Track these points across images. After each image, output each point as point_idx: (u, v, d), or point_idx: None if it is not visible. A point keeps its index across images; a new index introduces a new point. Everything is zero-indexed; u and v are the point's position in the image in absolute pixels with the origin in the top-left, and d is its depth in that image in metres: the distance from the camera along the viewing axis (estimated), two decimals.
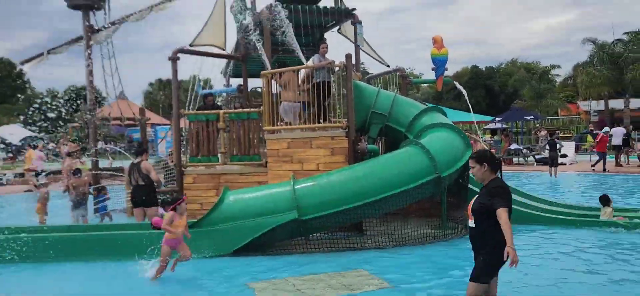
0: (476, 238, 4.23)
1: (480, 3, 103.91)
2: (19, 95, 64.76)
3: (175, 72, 10.36)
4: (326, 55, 9.43)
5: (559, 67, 35.81)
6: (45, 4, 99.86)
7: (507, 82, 49.65)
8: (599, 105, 36.50)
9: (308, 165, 9.08)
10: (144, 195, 8.79)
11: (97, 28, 12.30)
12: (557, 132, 26.22)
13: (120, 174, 11.81)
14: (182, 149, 10.56)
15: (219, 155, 10.31)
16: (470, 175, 9.04)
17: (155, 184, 8.89)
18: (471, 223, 4.25)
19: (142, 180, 8.75)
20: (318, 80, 9.12)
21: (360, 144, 9.21)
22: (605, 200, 9.05)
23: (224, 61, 13.02)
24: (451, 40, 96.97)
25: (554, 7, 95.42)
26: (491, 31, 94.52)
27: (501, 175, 4.35)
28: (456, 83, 13.14)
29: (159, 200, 8.23)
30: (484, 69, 54.06)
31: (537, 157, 23.12)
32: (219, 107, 10.91)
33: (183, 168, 10.38)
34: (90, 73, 12.36)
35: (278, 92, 9.61)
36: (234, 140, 10.22)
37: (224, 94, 13.38)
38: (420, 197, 8.16)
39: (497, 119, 29.16)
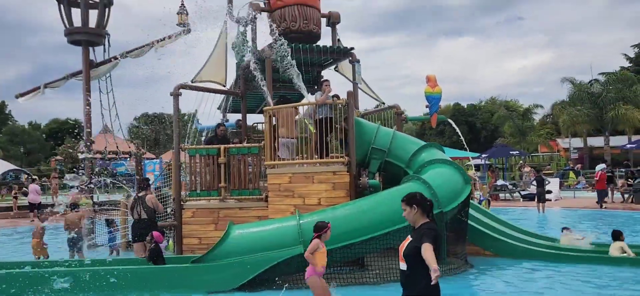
0: (408, 281, 4.12)
1: (459, 43, 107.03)
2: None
3: (176, 107, 10.47)
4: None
5: (541, 106, 36.87)
6: (30, 38, 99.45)
7: (488, 119, 50.83)
8: (578, 142, 37.59)
9: (309, 200, 9.18)
10: (146, 228, 8.76)
11: (96, 63, 12.38)
12: (544, 168, 26.83)
13: (117, 208, 11.73)
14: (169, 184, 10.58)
15: (219, 189, 10.34)
16: (470, 210, 9.32)
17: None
18: (403, 266, 4.15)
19: (146, 214, 8.74)
20: (321, 117, 9.33)
21: (362, 179, 9.39)
22: (616, 235, 9.21)
23: (221, 97, 13.18)
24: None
25: (529, 49, 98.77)
26: (470, 70, 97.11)
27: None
28: (450, 121, 13.52)
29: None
30: (465, 106, 55.35)
31: (522, 192, 23.56)
32: (227, 139, 10.99)
33: (182, 202, 10.37)
34: (89, 107, 12.38)
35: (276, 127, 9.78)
36: (234, 175, 10.29)
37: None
38: None
39: (483, 156, 29.82)
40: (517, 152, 29.23)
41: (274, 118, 9.80)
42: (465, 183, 8.82)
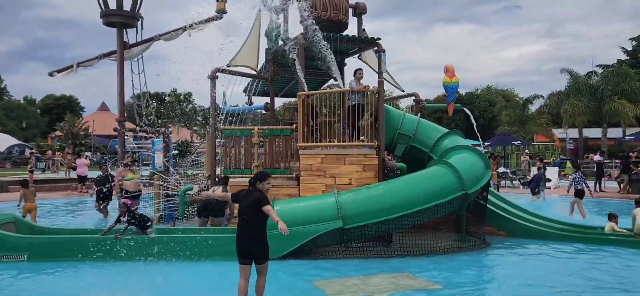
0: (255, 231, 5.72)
1: (456, 30, 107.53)
2: None
3: (213, 89, 11.11)
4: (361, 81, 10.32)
5: (542, 96, 37.68)
6: (25, 11, 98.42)
7: (486, 107, 51.71)
8: (573, 133, 38.57)
9: (341, 180, 9.92)
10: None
11: (130, 44, 12.92)
12: (543, 158, 27.72)
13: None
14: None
15: (252, 167, 11.03)
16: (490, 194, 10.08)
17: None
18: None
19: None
20: (354, 103, 10.02)
21: (390, 162, 10.15)
22: (610, 217, 10.11)
23: (247, 81, 13.80)
24: (429, 65, 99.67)
25: (526, 38, 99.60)
26: (466, 58, 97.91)
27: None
28: (466, 110, 14.26)
29: None
30: (464, 94, 56.13)
31: (522, 180, 24.46)
32: (277, 118, 11.73)
33: (217, 180, 11.06)
34: (122, 86, 12.94)
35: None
36: (267, 155, 10.99)
37: (252, 111, 14.15)
38: (447, 211, 9.06)
39: (486, 144, 30.71)
40: (519, 141, 30.14)
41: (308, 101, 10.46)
42: (486, 168, 9.59)
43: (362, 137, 10.26)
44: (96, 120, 54.83)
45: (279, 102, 15.42)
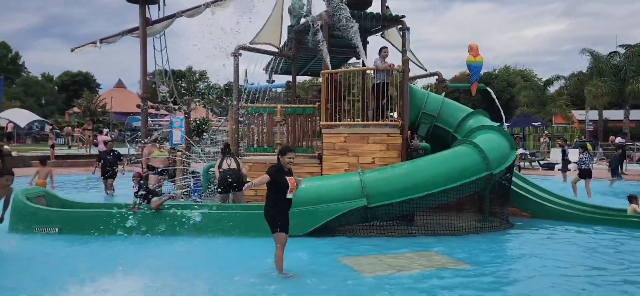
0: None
1: (473, 9, 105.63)
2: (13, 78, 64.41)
3: (236, 67, 11.11)
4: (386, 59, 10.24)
5: (564, 77, 36.90)
6: None
7: (504, 88, 51.05)
8: (593, 115, 37.93)
9: (364, 159, 9.92)
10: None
11: (152, 21, 12.94)
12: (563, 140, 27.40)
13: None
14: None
15: (274, 145, 11.08)
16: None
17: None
18: (291, 196, 6.11)
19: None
20: (378, 82, 9.96)
21: (413, 141, 10.12)
22: (632, 198, 10.01)
23: (268, 58, 13.78)
24: (445, 44, 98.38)
25: (545, 17, 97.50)
26: (483, 37, 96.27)
27: None
28: (489, 89, 14.08)
29: None
30: (481, 75, 55.51)
31: (542, 162, 24.22)
32: (299, 96, 11.75)
33: (239, 157, 11.14)
34: (145, 63, 13.02)
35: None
36: (290, 133, 11.02)
37: (272, 90, 14.16)
38: (471, 191, 9.03)
39: (506, 125, 30.34)
40: (539, 123, 29.76)
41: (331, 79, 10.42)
42: (511, 148, 9.51)
43: (391, 114, 10.17)
44: (113, 97, 55.34)
45: (301, 80, 15.32)
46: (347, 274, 6.30)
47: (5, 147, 22.69)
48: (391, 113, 9.87)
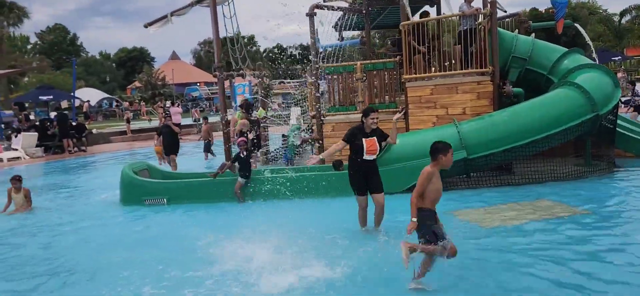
0: (373, 167, 6.06)
1: None
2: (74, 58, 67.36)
3: (312, 26, 10.97)
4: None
5: (635, 9, 34.23)
6: None
7: (568, 24, 48.11)
8: None
9: (453, 110, 9.64)
10: None
11: None
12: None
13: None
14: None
15: (356, 104, 10.99)
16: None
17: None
18: (371, 157, 5.95)
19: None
20: (465, 28, 9.55)
21: (506, 87, 9.69)
22: None
23: (336, 16, 13.52)
24: None
25: None
26: None
27: None
28: (577, 25, 13.23)
29: None
30: (543, 11, 52.31)
31: (623, 99, 22.73)
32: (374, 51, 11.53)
33: (322, 118, 11.15)
34: (217, 32, 13.09)
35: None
36: (371, 89, 10.86)
37: (347, 46, 13.98)
38: (576, 134, 8.60)
39: None
40: (619, 57, 27.83)
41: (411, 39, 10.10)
42: (615, 86, 8.92)
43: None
44: (168, 70, 56.91)
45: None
46: (466, 227, 6.21)
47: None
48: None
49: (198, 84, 56.31)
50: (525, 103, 8.77)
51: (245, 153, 8.70)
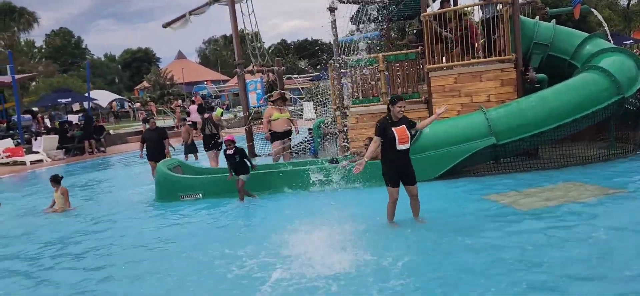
0: (407, 156, 6.11)
1: None
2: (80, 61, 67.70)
3: (334, 21, 11.14)
4: None
5: None
6: None
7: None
8: None
9: (477, 98, 9.78)
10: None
11: None
12: None
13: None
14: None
15: (379, 95, 11.15)
16: None
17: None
18: (404, 146, 5.99)
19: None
20: (488, 16, 9.69)
21: (529, 74, 9.83)
22: None
23: (354, 10, 13.65)
24: None
25: None
26: None
27: None
28: (594, 10, 13.31)
29: None
30: None
31: None
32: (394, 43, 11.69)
33: (346, 110, 11.33)
34: (236, 29, 13.28)
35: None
36: (394, 80, 11.03)
37: (366, 38, 14.10)
38: (603, 117, 8.72)
39: None
40: (632, 40, 27.84)
41: (434, 22, 10.25)
42: (639, 69, 9.04)
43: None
44: (175, 69, 57.15)
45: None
46: (505, 210, 6.39)
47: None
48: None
49: (205, 82, 56.57)
50: (552, 88, 8.90)
51: (232, 150, 8.38)
